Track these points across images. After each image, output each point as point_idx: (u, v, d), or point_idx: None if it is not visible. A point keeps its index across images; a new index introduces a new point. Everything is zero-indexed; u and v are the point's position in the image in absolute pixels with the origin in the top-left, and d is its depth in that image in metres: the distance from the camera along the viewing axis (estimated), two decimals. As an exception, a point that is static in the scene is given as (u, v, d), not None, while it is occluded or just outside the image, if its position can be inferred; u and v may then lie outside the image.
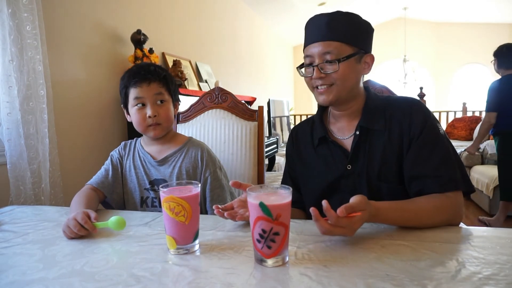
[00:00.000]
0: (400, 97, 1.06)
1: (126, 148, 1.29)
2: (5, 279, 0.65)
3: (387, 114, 0.99)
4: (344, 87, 0.96)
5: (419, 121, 0.94)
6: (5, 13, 1.51)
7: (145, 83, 1.14)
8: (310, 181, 1.08)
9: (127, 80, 1.17)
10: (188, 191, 0.77)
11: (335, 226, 0.72)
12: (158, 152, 1.24)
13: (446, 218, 0.87)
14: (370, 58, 0.99)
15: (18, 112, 1.56)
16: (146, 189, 1.22)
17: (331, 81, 0.96)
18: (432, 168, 0.90)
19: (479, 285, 0.57)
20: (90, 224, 0.87)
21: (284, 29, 7.07)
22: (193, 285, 0.61)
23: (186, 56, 3.38)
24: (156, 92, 1.16)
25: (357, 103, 1.02)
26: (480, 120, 5.04)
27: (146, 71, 1.16)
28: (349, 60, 0.94)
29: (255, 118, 1.57)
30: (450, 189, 0.89)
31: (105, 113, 2.35)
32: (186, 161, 1.22)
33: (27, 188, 1.58)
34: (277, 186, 0.72)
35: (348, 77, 0.96)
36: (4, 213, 1.10)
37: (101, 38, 2.32)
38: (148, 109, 1.15)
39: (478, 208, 3.61)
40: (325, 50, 0.94)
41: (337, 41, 0.94)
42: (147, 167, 1.24)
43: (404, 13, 7.38)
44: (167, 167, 1.22)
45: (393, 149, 0.96)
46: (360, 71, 0.98)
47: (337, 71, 0.94)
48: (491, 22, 7.58)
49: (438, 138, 0.94)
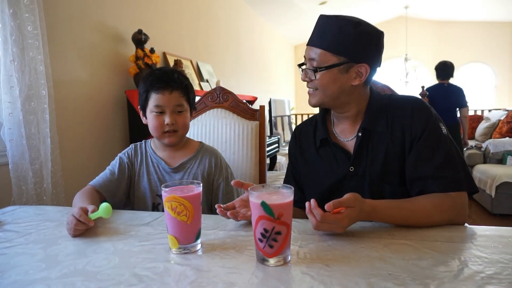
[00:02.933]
0: (402, 97, 1.04)
1: (137, 152, 1.28)
2: (7, 279, 0.65)
3: (389, 115, 0.98)
4: (326, 95, 0.97)
5: (421, 121, 0.93)
6: (6, 13, 1.51)
7: (167, 90, 1.15)
8: (312, 182, 1.08)
9: (150, 84, 1.17)
10: (190, 191, 0.77)
11: (322, 222, 0.75)
12: (172, 158, 1.25)
13: (447, 218, 0.86)
14: (365, 68, 0.94)
15: (19, 112, 1.56)
16: (158, 195, 1.22)
17: (315, 86, 0.98)
18: (434, 168, 0.89)
19: (481, 284, 0.57)
20: (86, 217, 0.88)
21: (285, 29, 7.06)
22: (195, 284, 0.61)
23: (187, 55, 3.38)
24: (177, 104, 1.17)
25: (355, 106, 1.01)
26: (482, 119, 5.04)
27: (169, 78, 1.16)
28: (330, 70, 0.93)
29: (257, 118, 1.57)
30: (452, 190, 0.88)
31: (107, 113, 2.35)
32: (200, 167, 1.24)
33: (29, 188, 1.58)
34: (279, 185, 0.72)
35: (328, 87, 0.95)
36: (6, 213, 1.10)
37: (102, 38, 2.32)
38: (167, 117, 1.16)
39: (480, 207, 3.60)
40: (311, 56, 0.96)
41: (322, 49, 0.94)
42: (161, 173, 1.23)
43: (406, 12, 7.36)
44: (182, 174, 1.23)
45: (395, 150, 0.95)
46: (348, 80, 0.95)
47: (316, 79, 0.95)
48: (493, 21, 7.56)
49: (441, 138, 0.93)
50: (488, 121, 4.76)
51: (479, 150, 3.88)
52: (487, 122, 4.76)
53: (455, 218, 0.87)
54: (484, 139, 4.40)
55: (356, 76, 0.95)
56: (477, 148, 3.94)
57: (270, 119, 4.79)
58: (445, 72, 3.80)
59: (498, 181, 3.21)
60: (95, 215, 0.90)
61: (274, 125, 4.89)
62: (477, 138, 4.80)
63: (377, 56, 0.97)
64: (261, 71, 5.95)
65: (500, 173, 3.26)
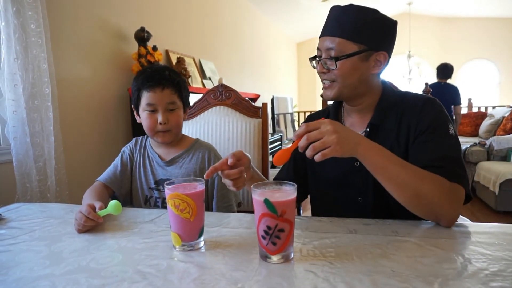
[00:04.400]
0: (415, 95, 1.00)
1: (137, 144, 1.31)
2: (12, 276, 0.66)
3: (399, 112, 0.96)
4: (345, 85, 0.95)
5: (428, 118, 0.91)
6: (9, 11, 1.51)
7: (158, 88, 1.15)
8: (318, 173, 1.07)
9: (140, 83, 1.17)
10: (193, 188, 0.77)
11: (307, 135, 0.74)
12: (166, 154, 1.26)
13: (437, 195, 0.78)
14: (384, 56, 0.95)
15: (23, 110, 1.57)
16: (151, 189, 1.24)
17: (332, 77, 0.96)
18: (435, 159, 0.86)
19: (485, 281, 0.56)
20: (94, 214, 0.89)
21: (287, 26, 7.04)
22: (198, 281, 0.61)
23: (190, 53, 3.38)
24: (169, 101, 1.17)
25: (369, 99, 1.00)
26: (486, 116, 5.01)
27: (160, 76, 1.16)
28: (351, 58, 0.92)
29: (259, 115, 1.57)
30: (452, 180, 0.82)
31: (110, 111, 2.36)
32: (193, 161, 1.24)
33: (33, 185, 1.59)
34: (281, 182, 0.72)
35: (349, 76, 0.94)
36: (11, 210, 1.11)
37: (105, 36, 2.33)
38: (159, 116, 1.16)
39: (484, 204, 3.59)
40: (329, 46, 0.94)
41: (340, 38, 0.92)
42: (154, 166, 1.25)
43: (409, 8, 7.31)
44: (174, 167, 1.24)
45: (400, 149, 0.94)
46: (368, 69, 0.95)
47: (336, 68, 0.93)
48: (497, 17, 7.50)
49: (446, 135, 0.90)
50: (492, 118, 4.74)
51: (483, 147, 3.86)
52: (491, 119, 4.73)
53: (445, 204, 0.79)
54: (488, 136, 4.38)
55: (375, 65, 0.95)
56: (481, 145, 3.92)
57: (273, 116, 4.79)
58: (445, 73, 4.27)
59: (502, 178, 3.19)
60: (104, 212, 0.91)
61: (277, 122, 4.88)
62: (481, 135, 4.77)
63: (393, 45, 0.97)
64: (264, 68, 5.94)
65: (504, 170, 3.24)
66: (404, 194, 0.81)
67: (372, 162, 0.80)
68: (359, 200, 1.00)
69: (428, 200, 0.79)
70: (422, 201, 0.80)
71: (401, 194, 0.81)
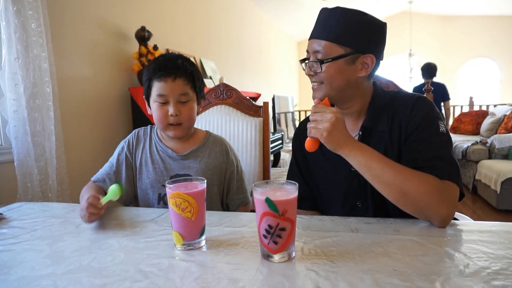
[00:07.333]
0: (406, 94, 1.00)
1: (140, 139, 1.21)
2: (14, 275, 0.66)
3: (390, 113, 0.96)
4: (332, 88, 0.95)
5: (419, 116, 0.91)
6: (10, 11, 1.51)
7: (170, 78, 1.07)
8: (317, 180, 1.08)
9: (152, 72, 1.09)
10: (194, 187, 0.77)
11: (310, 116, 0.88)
12: (181, 147, 1.19)
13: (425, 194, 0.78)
14: (371, 58, 0.93)
15: (24, 109, 1.57)
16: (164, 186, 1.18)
17: (320, 79, 0.96)
18: (425, 160, 0.85)
19: (488, 280, 0.56)
20: (96, 201, 0.91)
21: (288, 25, 7.03)
22: (199, 280, 0.61)
23: (191, 52, 3.38)
24: (181, 92, 1.09)
25: (359, 102, 0.99)
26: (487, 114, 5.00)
27: (172, 64, 1.08)
28: (337, 61, 0.91)
29: (260, 114, 1.57)
30: (444, 178, 0.82)
31: (111, 110, 2.36)
32: (212, 155, 1.19)
33: (34, 185, 1.59)
34: (283, 181, 0.72)
35: (335, 79, 0.93)
36: (12, 209, 1.11)
37: (105, 35, 2.33)
38: (171, 107, 1.08)
39: (485, 203, 3.58)
40: (316, 49, 0.94)
41: (327, 41, 0.92)
42: (167, 161, 1.17)
43: (410, 7, 7.30)
44: (192, 162, 1.17)
45: (393, 150, 0.94)
46: (354, 72, 0.93)
47: (322, 71, 0.93)
48: (498, 15, 7.48)
49: (437, 133, 0.89)
50: (493, 117, 4.72)
51: (484, 146, 3.85)
52: (493, 117, 4.71)
53: (433, 203, 0.79)
54: (490, 135, 4.37)
55: (362, 68, 0.94)
56: (482, 144, 3.91)
57: (274, 115, 4.78)
58: (430, 72, 4.47)
59: (503, 176, 3.19)
60: (105, 199, 0.93)
61: (278, 121, 4.88)
62: (482, 134, 4.76)
63: (382, 48, 0.96)
64: (265, 67, 5.94)
65: (505, 168, 3.23)
66: (392, 192, 0.82)
67: (357, 161, 0.85)
68: (358, 205, 1.00)
69: (415, 199, 0.80)
70: (409, 199, 0.81)
71: (389, 193, 0.83)
